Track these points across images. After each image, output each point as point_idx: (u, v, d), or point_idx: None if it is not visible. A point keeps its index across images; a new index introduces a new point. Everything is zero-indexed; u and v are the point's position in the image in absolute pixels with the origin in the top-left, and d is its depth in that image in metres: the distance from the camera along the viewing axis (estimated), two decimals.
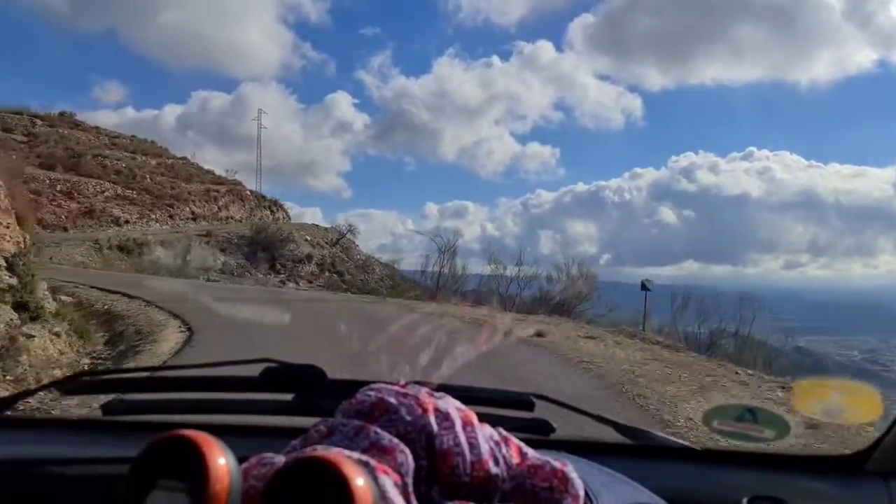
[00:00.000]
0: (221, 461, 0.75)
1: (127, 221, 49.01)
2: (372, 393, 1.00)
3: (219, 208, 62.75)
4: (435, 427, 0.95)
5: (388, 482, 0.82)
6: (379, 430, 0.91)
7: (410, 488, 0.87)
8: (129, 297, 16.67)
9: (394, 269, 51.87)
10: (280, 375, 1.42)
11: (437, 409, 0.97)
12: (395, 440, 0.90)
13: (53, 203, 45.15)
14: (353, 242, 63.16)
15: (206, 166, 69.58)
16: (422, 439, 0.93)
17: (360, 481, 0.73)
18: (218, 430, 0.87)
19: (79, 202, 47.06)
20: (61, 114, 66.54)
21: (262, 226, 53.11)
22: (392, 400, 0.97)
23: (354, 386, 1.12)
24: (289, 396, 1.44)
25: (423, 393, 1.00)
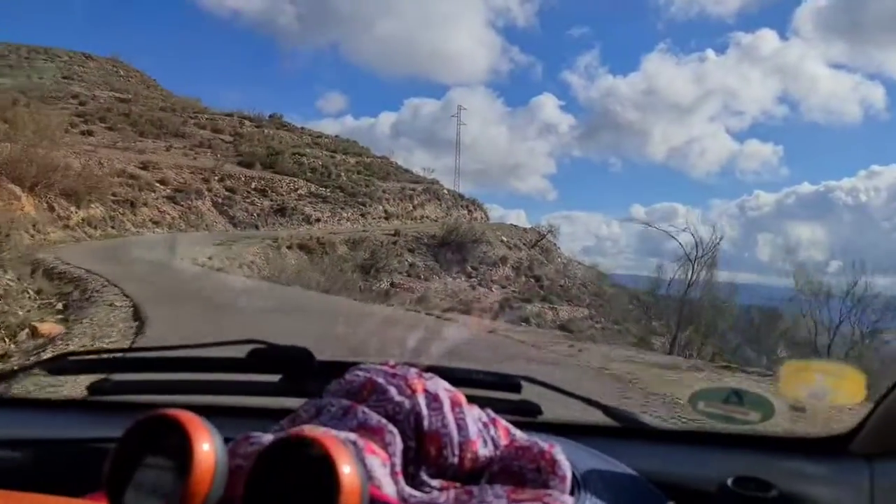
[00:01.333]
0: (207, 440, 0.76)
1: (318, 219, 47.37)
2: (361, 373, 1.02)
3: (413, 207, 60.29)
4: (424, 408, 0.96)
5: (376, 462, 0.86)
6: (367, 410, 0.94)
7: (399, 468, 0.90)
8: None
9: (599, 273, 45.04)
10: (267, 356, 1.43)
11: (425, 390, 0.99)
12: (384, 420, 0.92)
13: (247, 200, 44.31)
14: (554, 244, 57.64)
15: (406, 166, 68.29)
16: (410, 420, 0.95)
17: (346, 461, 0.73)
18: (205, 411, 0.86)
19: (271, 199, 46.05)
20: (270, 116, 68.19)
21: (454, 225, 49.01)
22: (381, 380, 0.99)
23: (343, 366, 1.13)
24: (276, 377, 1.45)
25: (413, 374, 1.02)
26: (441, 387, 1.01)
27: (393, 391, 0.96)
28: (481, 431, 0.99)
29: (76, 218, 27.63)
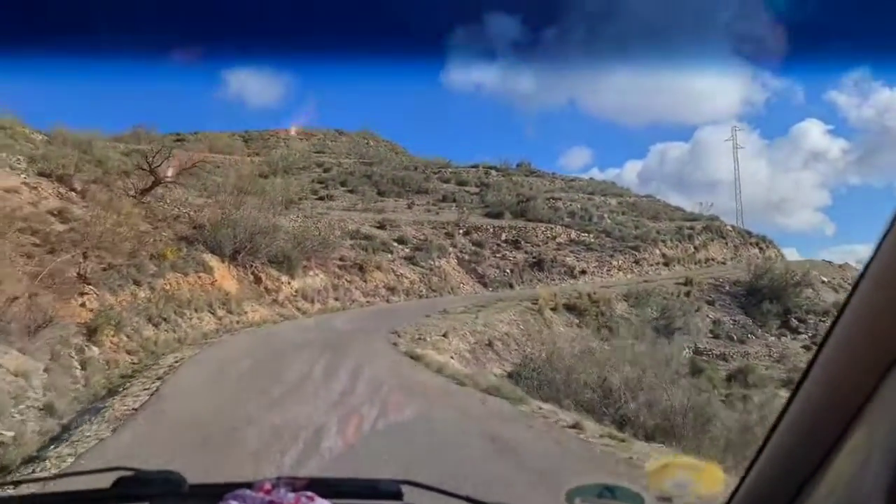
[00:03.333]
0: None
1: (583, 271, 38.59)
2: (235, 503, 0.99)
3: (695, 248, 49.08)
4: None
5: None
6: None
7: None
8: None
9: None
10: (134, 483, 1.38)
11: None
12: None
13: (497, 255, 37.01)
14: None
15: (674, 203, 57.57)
16: None
17: None
18: None
19: (525, 251, 38.32)
20: (518, 165, 61.87)
21: (764, 266, 37.26)
22: None
23: (216, 489, 1.13)
24: None
25: (290, 498, 1.02)
26: None
27: None
28: None
29: (287, 290, 21.80)
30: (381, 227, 35.55)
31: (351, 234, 32.85)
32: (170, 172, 24.09)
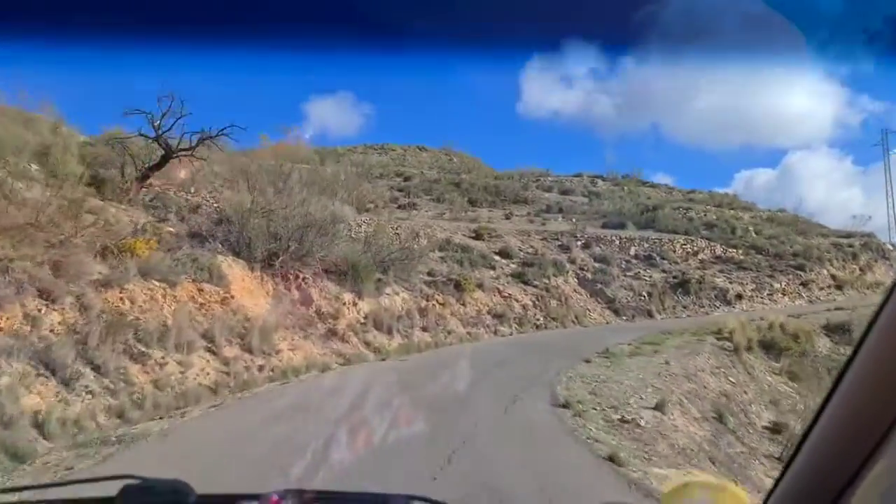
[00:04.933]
0: None
1: (739, 296, 29.51)
2: None
3: (861, 270, 38.88)
4: None
5: None
6: None
7: None
8: None
9: None
10: (140, 492, 1.33)
11: None
12: None
13: (628, 273, 28.47)
14: None
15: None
16: None
17: None
18: None
19: (663, 269, 29.58)
20: (625, 175, 53.21)
21: None
22: None
23: (223, 500, 1.12)
24: None
25: None
26: None
27: None
28: None
29: (351, 315, 14.13)
30: (478, 236, 27.67)
31: (441, 244, 25.09)
32: (182, 173, 16.98)
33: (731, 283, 30.33)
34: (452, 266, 22.58)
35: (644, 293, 27.56)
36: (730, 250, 33.50)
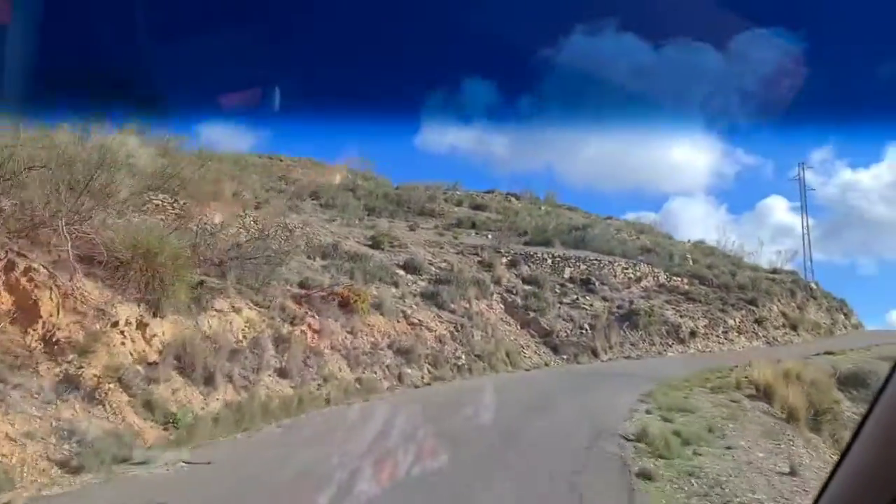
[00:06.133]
0: None
1: (693, 333, 24.11)
2: None
3: (798, 308, 34.71)
4: None
5: None
6: None
7: None
8: None
9: None
10: None
11: None
12: None
13: (564, 301, 22.44)
14: None
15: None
16: None
17: None
18: None
19: (604, 298, 23.76)
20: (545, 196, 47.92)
21: None
22: None
23: None
24: None
25: None
26: None
27: None
28: None
29: (137, 344, 6.78)
30: (377, 244, 20.88)
31: (324, 249, 18.11)
32: None
33: (681, 316, 24.90)
34: (339, 278, 15.61)
35: (585, 325, 21.53)
36: (674, 278, 28.29)
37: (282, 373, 10.58)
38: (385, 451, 6.77)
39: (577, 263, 25.35)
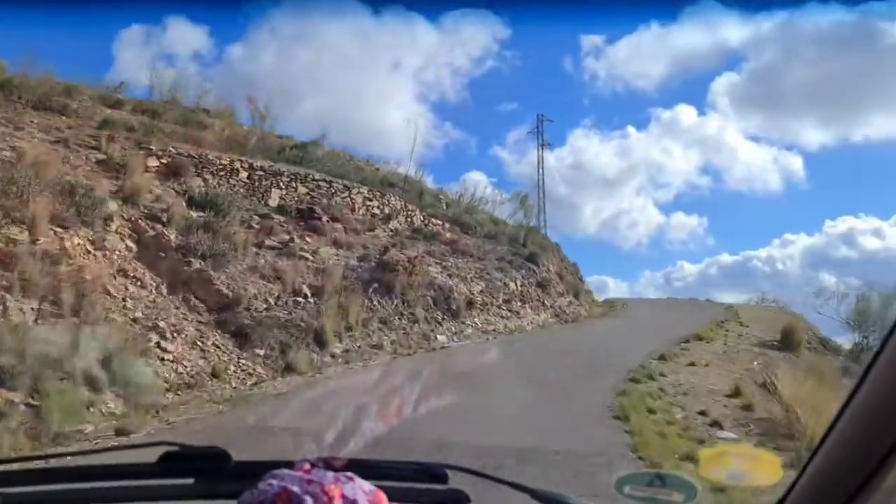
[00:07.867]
0: None
1: (470, 303, 15.74)
2: (275, 482, 0.96)
3: (565, 268, 28.94)
4: None
5: None
6: None
7: None
8: None
9: None
10: (180, 459, 1.31)
11: (343, 496, 0.94)
12: None
13: (266, 244, 11.98)
14: None
15: None
16: None
17: None
18: None
19: (337, 243, 13.92)
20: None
21: None
22: (295, 488, 0.93)
23: (260, 467, 1.09)
24: (190, 480, 1.31)
25: (330, 478, 0.97)
26: (360, 490, 0.96)
27: (309, 501, 0.91)
28: None
29: None
30: None
31: None
32: None
33: (450, 276, 16.24)
34: None
35: (305, 290, 11.66)
36: (433, 221, 19.65)
37: None
38: None
39: (294, 184, 15.26)
